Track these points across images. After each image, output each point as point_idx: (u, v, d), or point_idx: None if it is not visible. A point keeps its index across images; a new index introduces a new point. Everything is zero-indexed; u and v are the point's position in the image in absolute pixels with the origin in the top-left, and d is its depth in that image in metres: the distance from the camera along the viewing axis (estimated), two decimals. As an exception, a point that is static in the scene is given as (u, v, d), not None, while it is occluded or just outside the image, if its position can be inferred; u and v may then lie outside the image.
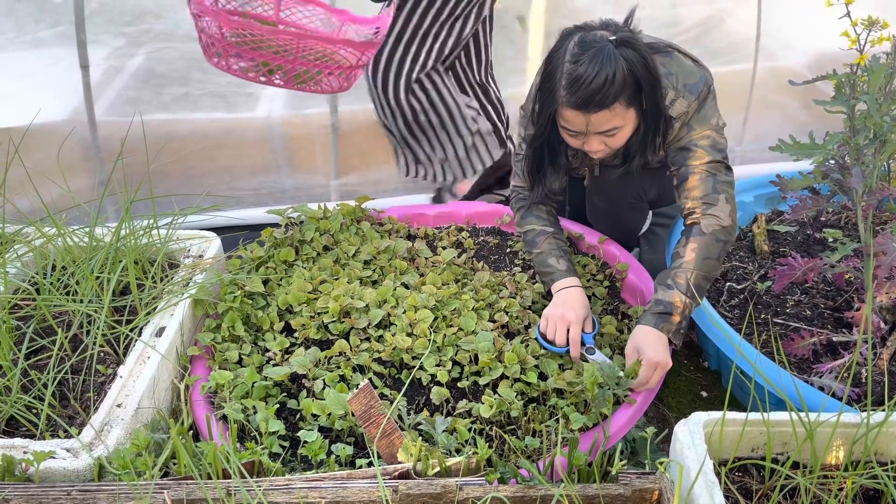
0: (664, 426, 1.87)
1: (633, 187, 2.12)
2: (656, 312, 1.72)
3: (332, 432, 1.58)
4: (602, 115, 1.72)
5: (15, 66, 2.71)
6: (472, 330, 1.79)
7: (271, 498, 1.27)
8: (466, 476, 1.33)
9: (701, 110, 1.85)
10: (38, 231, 1.85)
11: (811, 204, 1.85)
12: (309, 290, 1.92)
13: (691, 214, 1.82)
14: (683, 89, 1.83)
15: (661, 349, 1.67)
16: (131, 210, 1.86)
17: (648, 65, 1.73)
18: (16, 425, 1.51)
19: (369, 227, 2.25)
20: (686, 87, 1.83)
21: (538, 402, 1.67)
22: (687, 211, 1.84)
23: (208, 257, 1.97)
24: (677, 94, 1.82)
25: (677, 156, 1.87)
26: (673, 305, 1.71)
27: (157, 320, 1.74)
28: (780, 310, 1.98)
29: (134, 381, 1.57)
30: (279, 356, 1.76)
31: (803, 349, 1.80)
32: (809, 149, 1.74)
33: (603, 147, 1.82)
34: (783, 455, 1.41)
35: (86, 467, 1.37)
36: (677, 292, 1.72)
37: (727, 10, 2.85)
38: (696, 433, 1.34)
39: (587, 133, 1.78)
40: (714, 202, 1.79)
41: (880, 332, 1.78)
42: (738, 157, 3.02)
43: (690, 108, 1.83)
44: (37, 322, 1.69)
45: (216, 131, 2.73)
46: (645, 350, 1.66)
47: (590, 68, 1.67)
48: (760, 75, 2.89)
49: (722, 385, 2.02)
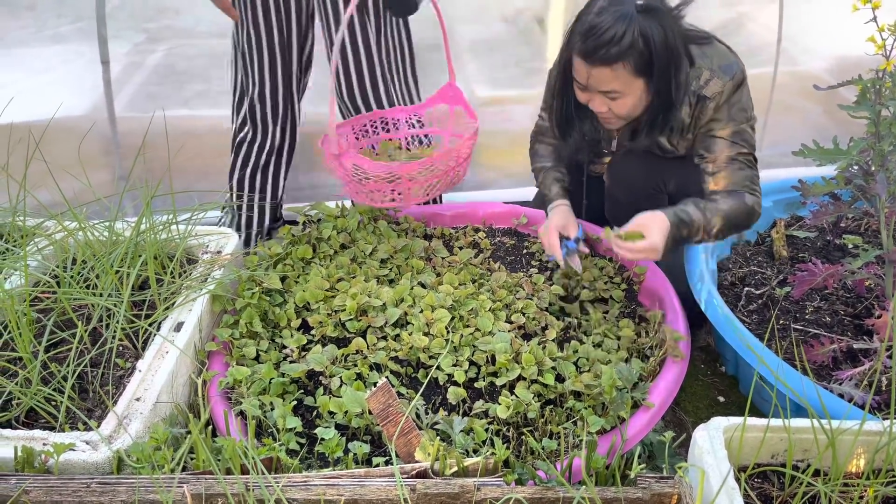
0: (681, 431, 1.86)
1: (653, 176, 2.10)
2: (678, 215, 1.82)
3: (348, 430, 1.58)
4: (603, 72, 1.76)
5: (36, 61, 2.74)
6: (489, 330, 1.79)
7: (289, 494, 1.27)
8: (484, 476, 1.33)
9: (736, 97, 1.88)
10: (59, 225, 1.86)
11: (832, 210, 1.84)
12: (326, 287, 1.92)
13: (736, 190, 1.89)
14: (718, 70, 1.85)
15: (662, 239, 1.78)
16: (151, 205, 1.87)
17: (668, 41, 1.74)
18: (35, 417, 1.52)
19: (386, 225, 2.25)
20: (721, 68, 1.86)
21: (555, 403, 1.66)
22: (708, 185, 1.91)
23: (227, 253, 1.97)
24: (712, 74, 1.85)
25: (711, 143, 1.91)
26: (692, 222, 1.83)
27: (176, 315, 1.74)
28: (799, 316, 1.97)
29: (153, 376, 1.58)
30: (296, 353, 1.76)
31: (823, 356, 1.79)
32: (833, 154, 1.73)
33: (607, 110, 1.85)
34: (803, 462, 1.40)
35: (105, 460, 1.38)
36: (702, 216, 1.84)
37: (747, 14, 2.83)
38: (715, 438, 1.33)
39: (591, 89, 1.82)
40: (753, 191, 1.89)
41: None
42: (758, 161, 3.00)
43: (725, 89, 1.85)
44: (57, 315, 1.70)
45: (235, 128, 2.73)
46: (652, 232, 1.76)
47: (605, 21, 1.71)
48: (781, 79, 2.87)
49: (739, 390, 2.01)
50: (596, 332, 1.86)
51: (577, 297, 2.02)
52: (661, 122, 1.90)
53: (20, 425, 1.50)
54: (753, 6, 2.82)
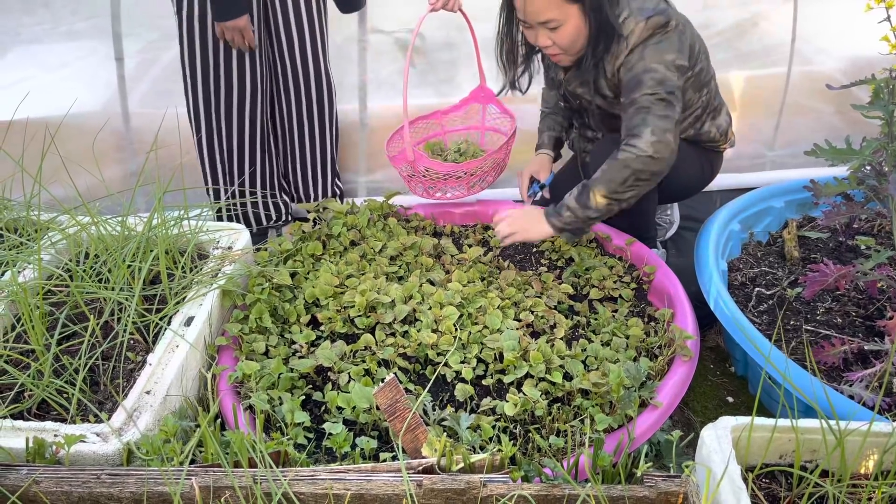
0: (689, 430, 1.85)
1: None
2: (553, 207, 1.99)
3: (356, 425, 1.59)
4: (538, 3, 1.87)
5: (51, 57, 2.76)
6: (497, 328, 1.79)
7: (296, 488, 1.28)
8: (490, 473, 1.33)
9: (655, 41, 1.89)
10: (73, 219, 1.88)
11: (845, 210, 1.83)
12: (336, 283, 1.93)
13: (620, 143, 1.92)
14: (636, 10, 1.90)
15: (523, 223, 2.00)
16: (163, 201, 1.89)
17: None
18: (47, 409, 1.54)
19: (396, 223, 2.26)
20: (639, 10, 1.89)
21: (563, 401, 1.66)
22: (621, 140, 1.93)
23: (237, 249, 1.99)
24: (629, 14, 1.90)
25: (625, 88, 1.93)
26: (563, 206, 1.95)
27: (187, 310, 1.76)
28: (810, 317, 1.95)
29: (163, 369, 1.59)
30: (305, 349, 1.77)
31: (833, 357, 1.77)
32: (846, 154, 1.71)
33: (551, 44, 1.95)
34: (812, 463, 1.40)
35: (115, 452, 1.39)
36: (574, 199, 1.94)
37: (761, 14, 2.81)
38: (723, 438, 1.33)
39: (531, 23, 1.93)
40: (639, 133, 1.86)
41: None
42: (770, 161, 2.98)
43: (638, 30, 1.89)
44: (69, 308, 1.72)
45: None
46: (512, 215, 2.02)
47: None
48: (794, 80, 2.85)
49: (748, 391, 2.00)
50: (604, 331, 1.86)
51: (586, 295, 2.02)
52: (603, 49, 1.94)
53: (32, 417, 1.52)
54: (768, 6, 2.80)
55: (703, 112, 2.14)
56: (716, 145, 2.24)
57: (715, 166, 2.30)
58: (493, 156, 2.29)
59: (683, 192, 2.35)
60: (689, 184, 2.29)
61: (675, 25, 1.91)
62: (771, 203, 2.37)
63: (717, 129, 2.19)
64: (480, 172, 2.30)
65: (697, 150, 2.21)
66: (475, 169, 2.27)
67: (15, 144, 1.95)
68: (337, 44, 2.76)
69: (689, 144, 2.19)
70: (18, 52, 2.86)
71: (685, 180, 2.25)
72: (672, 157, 1.89)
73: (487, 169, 2.32)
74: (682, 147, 2.16)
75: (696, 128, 2.16)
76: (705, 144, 2.22)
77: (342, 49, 2.74)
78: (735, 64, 2.84)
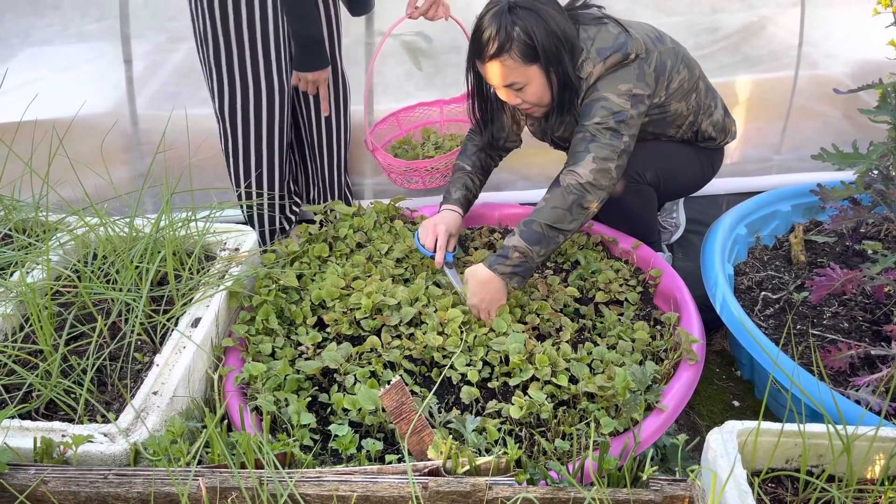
0: (695, 434, 1.85)
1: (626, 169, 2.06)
2: (497, 254, 1.89)
3: (362, 427, 1.59)
4: (496, 67, 1.91)
5: (60, 59, 2.77)
6: (503, 331, 1.79)
7: (302, 489, 1.28)
8: (496, 476, 1.33)
9: (612, 74, 1.92)
10: (81, 220, 1.89)
11: (852, 214, 1.83)
12: (342, 285, 1.94)
13: (563, 170, 1.94)
14: (595, 53, 1.93)
15: (481, 289, 1.86)
16: (170, 202, 1.90)
17: (550, 26, 1.87)
18: (55, 409, 1.55)
19: (402, 225, 2.26)
20: (597, 51, 1.93)
21: (568, 405, 1.66)
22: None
23: (244, 251, 1.99)
24: (587, 56, 1.93)
25: (580, 116, 1.96)
26: (510, 248, 1.86)
27: (194, 311, 1.76)
28: (816, 321, 1.95)
29: (170, 370, 1.60)
30: (311, 350, 1.78)
31: (840, 362, 1.77)
32: (853, 158, 1.71)
33: (520, 101, 1.99)
34: (818, 468, 1.39)
35: (122, 452, 1.40)
36: (518, 237, 1.87)
37: (769, 18, 2.81)
38: (729, 442, 1.33)
39: (497, 85, 1.97)
40: (580, 160, 1.89)
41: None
42: (776, 165, 2.98)
43: (596, 70, 1.92)
44: (77, 309, 1.73)
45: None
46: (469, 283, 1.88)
47: (483, 23, 1.90)
48: (801, 84, 2.85)
49: (754, 395, 2.00)
50: (610, 334, 1.86)
51: (592, 298, 2.02)
52: (568, 102, 1.98)
53: (40, 417, 1.53)
54: (775, 9, 2.80)
55: (697, 115, 2.14)
56: (715, 142, 2.23)
57: (715, 164, 2.30)
58: (445, 158, 2.40)
59: (683, 190, 2.37)
60: (689, 183, 2.31)
61: (635, 57, 1.93)
62: (778, 207, 2.37)
63: (714, 126, 2.18)
64: (434, 171, 2.40)
65: (695, 149, 2.21)
66: (430, 167, 2.39)
67: (24, 145, 1.96)
68: (344, 46, 2.77)
69: (687, 144, 2.19)
70: (28, 53, 2.88)
71: (684, 180, 2.27)
72: (612, 187, 1.91)
73: (442, 168, 2.41)
74: (680, 148, 2.17)
75: (694, 130, 2.17)
76: (706, 143, 2.22)
77: (349, 51, 2.74)
78: (742, 67, 2.83)
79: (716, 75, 2.42)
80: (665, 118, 2.09)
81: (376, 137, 2.62)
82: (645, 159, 2.10)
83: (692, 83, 2.09)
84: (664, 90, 2.02)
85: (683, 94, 2.07)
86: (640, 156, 2.08)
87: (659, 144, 2.14)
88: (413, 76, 2.76)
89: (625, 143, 1.90)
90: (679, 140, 2.18)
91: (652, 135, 2.12)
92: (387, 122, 2.67)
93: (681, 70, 2.05)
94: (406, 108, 2.69)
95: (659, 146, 2.13)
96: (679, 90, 2.06)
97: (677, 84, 2.05)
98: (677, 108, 2.08)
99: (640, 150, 2.09)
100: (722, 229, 2.19)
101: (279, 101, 2.23)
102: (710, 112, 2.17)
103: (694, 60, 2.13)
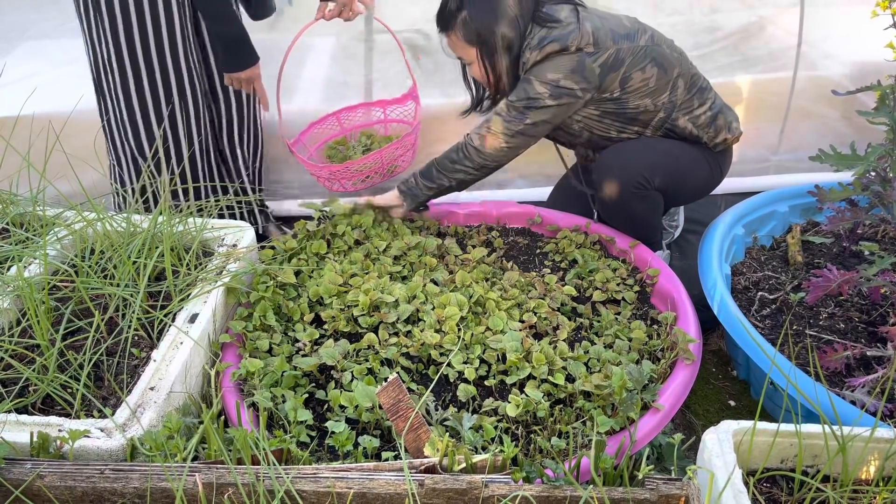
0: (690, 434, 1.85)
1: (634, 176, 2.09)
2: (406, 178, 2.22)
3: (358, 424, 1.60)
4: (448, 39, 2.11)
5: (59, 53, 2.77)
6: (500, 329, 1.80)
7: (299, 486, 1.28)
8: (492, 473, 1.33)
9: (545, 63, 2.02)
10: (79, 215, 1.88)
11: (849, 216, 1.83)
12: (340, 282, 1.94)
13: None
14: (536, 41, 2.02)
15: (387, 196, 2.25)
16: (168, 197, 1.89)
17: (492, 25, 2.01)
18: (51, 403, 1.55)
19: (400, 223, 2.27)
20: (538, 42, 2.02)
21: (565, 403, 1.67)
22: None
23: (242, 247, 1.99)
24: (528, 46, 2.04)
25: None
26: (411, 175, 2.22)
27: (191, 307, 1.76)
28: (812, 321, 1.96)
29: (167, 366, 1.59)
30: (309, 347, 1.78)
31: (836, 362, 1.78)
32: (850, 160, 1.72)
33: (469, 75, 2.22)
34: (813, 468, 1.40)
35: (118, 447, 1.39)
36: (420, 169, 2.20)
37: (768, 18, 2.81)
38: (724, 441, 1.33)
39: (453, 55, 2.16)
40: (482, 126, 2.11)
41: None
42: (774, 166, 2.98)
43: (532, 58, 2.03)
44: (75, 304, 1.73)
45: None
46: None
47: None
48: (800, 84, 2.85)
49: (750, 395, 2.00)
50: (607, 333, 1.87)
51: (590, 297, 2.02)
52: (496, 92, 2.14)
53: (36, 411, 1.52)
54: (774, 10, 2.80)
55: (670, 112, 2.12)
56: (699, 138, 2.17)
57: (724, 166, 2.27)
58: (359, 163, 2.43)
59: (692, 194, 2.33)
60: (697, 186, 2.27)
61: (575, 50, 1.99)
62: (775, 207, 2.37)
63: (697, 124, 2.15)
64: (366, 170, 2.44)
65: (703, 151, 2.20)
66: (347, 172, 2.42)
67: (21, 139, 1.96)
68: (343, 43, 2.76)
69: (695, 147, 2.18)
70: (26, 47, 2.87)
71: (693, 184, 2.23)
72: (500, 159, 2.12)
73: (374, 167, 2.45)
74: (688, 150, 2.16)
75: (667, 127, 2.15)
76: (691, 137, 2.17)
77: (348, 48, 2.74)
78: (741, 68, 2.83)
79: (714, 75, 2.42)
80: (624, 112, 2.10)
81: (311, 138, 2.65)
82: (653, 164, 2.10)
83: (663, 82, 2.08)
84: (618, 86, 2.05)
85: (648, 91, 2.08)
86: (647, 161, 2.08)
87: (667, 148, 2.13)
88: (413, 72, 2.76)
89: (525, 126, 2.06)
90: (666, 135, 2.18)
91: (614, 128, 2.14)
92: (326, 122, 2.69)
93: (647, 69, 2.05)
94: (348, 107, 2.71)
95: (667, 150, 2.13)
96: (642, 88, 2.07)
97: (639, 82, 2.06)
98: (639, 104, 2.09)
99: (647, 155, 2.09)
100: (720, 229, 2.19)
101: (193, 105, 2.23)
102: (689, 110, 2.14)
103: (676, 60, 2.11)
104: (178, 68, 2.15)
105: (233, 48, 2.12)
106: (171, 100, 2.18)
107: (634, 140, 2.16)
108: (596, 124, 2.14)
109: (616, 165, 2.11)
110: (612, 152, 2.14)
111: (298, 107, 2.79)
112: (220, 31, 2.10)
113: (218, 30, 2.10)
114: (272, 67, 2.36)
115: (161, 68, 2.14)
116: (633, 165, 2.09)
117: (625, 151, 2.13)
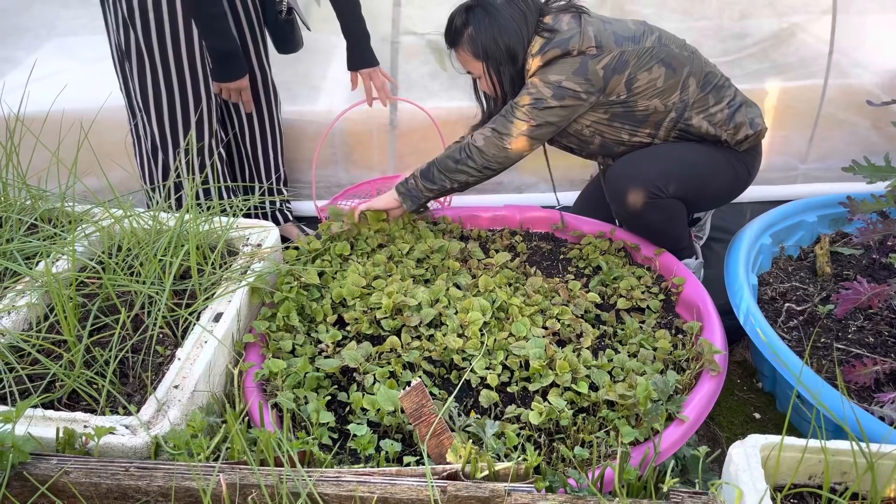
0: (715, 446, 1.83)
1: (646, 184, 2.07)
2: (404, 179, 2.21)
3: (380, 427, 1.59)
4: (457, 54, 2.16)
5: (87, 50, 2.80)
6: (523, 335, 1.79)
7: (321, 489, 1.28)
8: (515, 482, 1.32)
9: (548, 66, 2.05)
10: (106, 212, 1.90)
11: (881, 228, 1.80)
12: (363, 284, 1.94)
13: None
14: (537, 48, 2.05)
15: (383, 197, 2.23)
16: (195, 196, 1.90)
17: (497, 37, 2.06)
18: (77, 399, 1.56)
19: (424, 226, 2.26)
20: (540, 49, 2.05)
21: (588, 412, 1.65)
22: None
23: (266, 247, 2.00)
24: (532, 57, 2.07)
25: None
26: (410, 175, 2.20)
27: (216, 306, 1.77)
28: (841, 334, 1.93)
29: (191, 364, 1.60)
30: (331, 348, 1.78)
31: (865, 377, 1.75)
32: (884, 172, 1.69)
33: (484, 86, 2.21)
34: (841, 485, 1.38)
35: (143, 445, 1.40)
36: (419, 169, 2.18)
37: (799, 25, 2.78)
38: (752, 456, 1.31)
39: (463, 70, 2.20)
40: (483, 131, 2.13)
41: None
42: (802, 175, 2.94)
43: (534, 64, 2.06)
44: (101, 300, 1.74)
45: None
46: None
47: (451, 15, 2.13)
48: (830, 93, 2.81)
49: (776, 407, 1.97)
50: (631, 342, 1.85)
51: (614, 305, 2.00)
52: (504, 104, 2.14)
53: (62, 407, 1.54)
54: (806, 17, 2.77)
55: (683, 112, 2.10)
56: (717, 137, 2.13)
57: (751, 166, 2.22)
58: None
59: (717, 198, 2.28)
60: (721, 189, 2.21)
61: (577, 53, 2.01)
62: (803, 217, 2.34)
63: (714, 122, 2.11)
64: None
65: (726, 153, 2.15)
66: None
67: (51, 136, 1.98)
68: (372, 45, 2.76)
69: (715, 149, 2.14)
70: (55, 44, 2.90)
71: (715, 187, 2.18)
72: (503, 161, 2.12)
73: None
74: (705, 154, 2.12)
75: (680, 127, 2.12)
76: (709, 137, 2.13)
77: (376, 50, 2.74)
78: (770, 74, 2.81)
79: (743, 81, 2.40)
80: (633, 114, 2.09)
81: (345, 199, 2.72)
82: (665, 172, 2.07)
83: (672, 82, 2.06)
84: (624, 87, 2.04)
85: (657, 92, 2.06)
86: (658, 169, 2.06)
87: (681, 154, 2.10)
88: (438, 76, 2.76)
89: (529, 128, 2.06)
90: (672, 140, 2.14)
91: (625, 130, 2.13)
92: (361, 189, 2.73)
93: (653, 69, 2.04)
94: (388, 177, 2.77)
95: (681, 156, 2.10)
96: (650, 89, 2.06)
97: (646, 83, 2.05)
98: (648, 105, 2.08)
99: (658, 163, 2.07)
100: (746, 238, 2.16)
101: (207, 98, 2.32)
102: (703, 108, 2.11)
103: (686, 59, 2.08)
104: (193, 68, 2.26)
105: (224, 61, 2.24)
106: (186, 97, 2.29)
107: (645, 149, 2.14)
108: (606, 128, 2.13)
109: (625, 176, 2.10)
110: (622, 163, 2.13)
111: (325, 107, 2.80)
112: (214, 45, 2.21)
113: (212, 43, 2.21)
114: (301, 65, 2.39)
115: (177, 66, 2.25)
116: (643, 175, 2.08)
117: (634, 161, 2.12)
